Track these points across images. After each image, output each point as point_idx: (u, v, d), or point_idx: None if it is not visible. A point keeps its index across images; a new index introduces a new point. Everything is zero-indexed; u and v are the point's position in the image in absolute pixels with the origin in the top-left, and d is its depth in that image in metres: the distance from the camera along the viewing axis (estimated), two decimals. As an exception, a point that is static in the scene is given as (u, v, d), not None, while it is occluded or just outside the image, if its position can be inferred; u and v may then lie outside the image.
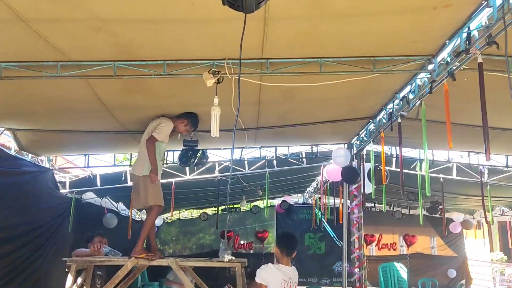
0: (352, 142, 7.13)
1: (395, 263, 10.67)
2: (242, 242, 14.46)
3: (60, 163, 7.40)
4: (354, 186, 7.07)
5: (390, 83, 4.56)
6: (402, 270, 10.37)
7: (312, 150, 7.29)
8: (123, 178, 7.48)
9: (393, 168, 7.55)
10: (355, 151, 7.12)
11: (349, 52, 3.78)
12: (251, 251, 14.37)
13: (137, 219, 13.19)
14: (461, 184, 8.64)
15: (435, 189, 9.33)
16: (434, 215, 11.25)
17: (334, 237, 14.15)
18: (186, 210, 15.27)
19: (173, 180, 7.88)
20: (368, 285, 8.58)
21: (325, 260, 13.93)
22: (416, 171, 7.30)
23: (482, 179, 7.26)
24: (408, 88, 4.58)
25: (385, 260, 14.08)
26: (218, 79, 3.86)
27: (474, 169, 7.39)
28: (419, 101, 4.33)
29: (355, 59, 3.83)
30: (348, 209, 7.43)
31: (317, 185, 11.67)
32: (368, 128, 6.15)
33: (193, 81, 4.17)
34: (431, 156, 7.18)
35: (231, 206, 14.45)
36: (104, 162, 7.23)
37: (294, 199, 14.84)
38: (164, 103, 4.75)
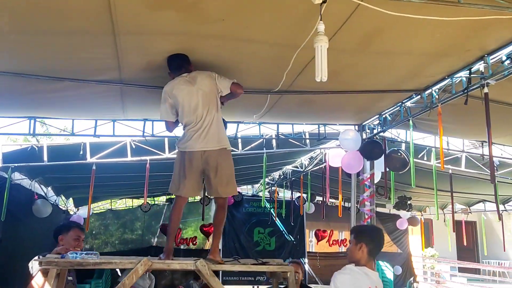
0: (364, 123, 6.19)
1: (380, 262, 10.03)
2: (185, 237, 12.97)
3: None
4: (366, 175, 6.15)
5: (487, 40, 3.64)
6: (388, 270, 9.76)
7: (319, 130, 6.20)
8: (81, 153, 5.72)
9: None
10: (367, 135, 6.20)
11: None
12: (194, 247, 12.96)
13: (63, 209, 11.11)
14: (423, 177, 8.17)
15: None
16: (401, 211, 10.86)
17: (284, 231, 13.33)
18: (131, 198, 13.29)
19: (147, 158, 6.28)
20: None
21: (275, 256, 12.86)
22: (425, 161, 6.60)
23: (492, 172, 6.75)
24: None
25: (336, 257, 13.60)
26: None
27: (479, 161, 6.89)
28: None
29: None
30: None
31: (281, 175, 10.66)
32: (403, 105, 5.23)
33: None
34: (445, 144, 6.52)
35: (173, 196, 12.91)
36: (56, 130, 5.42)
37: (243, 191, 13.72)
38: (200, 31, 3.30)
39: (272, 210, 12.81)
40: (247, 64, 3.93)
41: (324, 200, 9.28)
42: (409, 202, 10.25)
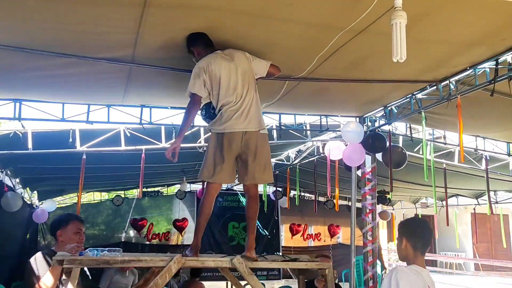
0: (366, 115, 6.07)
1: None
2: (157, 232, 12.46)
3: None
4: (367, 169, 6.06)
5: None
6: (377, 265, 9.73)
7: (321, 121, 6.03)
8: (70, 140, 5.22)
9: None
10: (369, 127, 6.09)
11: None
12: (168, 243, 12.50)
13: (28, 202, 10.30)
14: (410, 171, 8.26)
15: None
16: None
17: (259, 226, 13.15)
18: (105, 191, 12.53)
19: (143, 147, 5.84)
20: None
21: (250, 251, 12.78)
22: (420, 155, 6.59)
23: (480, 167, 6.89)
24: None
25: (310, 251, 13.57)
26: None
27: (472, 155, 6.99)
28: None
29: None
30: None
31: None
32: (414, 97, 5.13)
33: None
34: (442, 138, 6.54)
35: (145, 189, 12.37)
36: (44, 114, 4.90)
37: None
38: (237, 7, 3.00)
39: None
40: (276, 46, 3.64)
41: (302, 194, 9.11)
42: (388, 196, 10.35)
